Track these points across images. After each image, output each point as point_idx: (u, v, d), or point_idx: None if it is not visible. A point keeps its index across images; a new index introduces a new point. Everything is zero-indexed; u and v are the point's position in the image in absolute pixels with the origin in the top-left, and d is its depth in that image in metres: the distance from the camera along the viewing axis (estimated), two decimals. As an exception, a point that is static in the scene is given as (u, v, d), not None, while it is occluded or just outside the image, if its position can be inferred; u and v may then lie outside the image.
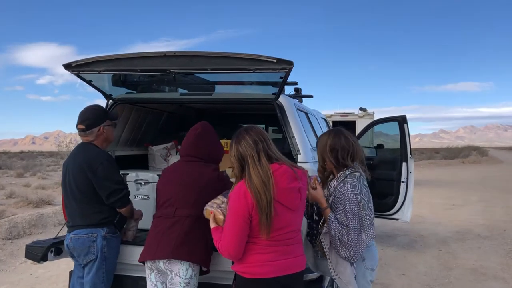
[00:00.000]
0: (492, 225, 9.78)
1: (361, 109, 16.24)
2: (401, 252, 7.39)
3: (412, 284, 5.72)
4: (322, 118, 6.35)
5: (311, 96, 5.35)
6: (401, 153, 6.70)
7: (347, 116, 15.86)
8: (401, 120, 6.78)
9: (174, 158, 4.52)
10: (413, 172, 6.69)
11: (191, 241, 2.82)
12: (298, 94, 5.23)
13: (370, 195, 2.97)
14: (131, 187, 3.90)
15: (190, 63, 3.35)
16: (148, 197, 3.95)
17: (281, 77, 3.33)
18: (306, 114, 4.50)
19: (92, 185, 3.11)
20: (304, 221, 2.97)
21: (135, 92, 4.13)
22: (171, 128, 5.24)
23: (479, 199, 14.06)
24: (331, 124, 15.59)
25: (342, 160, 2.92)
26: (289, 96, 5.05)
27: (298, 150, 3.50)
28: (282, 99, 3.70)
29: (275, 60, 3.16)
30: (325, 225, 2.83)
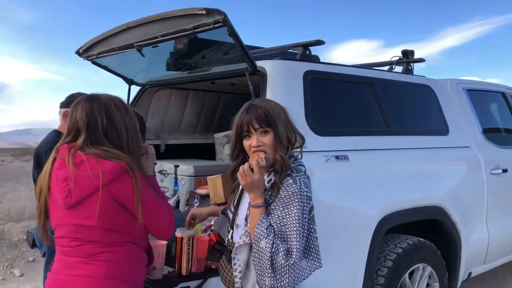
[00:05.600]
0: None
1: None
2: None
3: None
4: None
5: (422, 60, 3.77)
6: None
7: None
8: None
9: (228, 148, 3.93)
10: None
11: None
12: (403, 60, 3.78)
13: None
14: (157, 177, 3.62)
15: (146, 32, 2.84)
16: (167, 190, 3.57)
17: (229, 34, 2.44)
18: (370, 86, 3.15)
19: None
20: None
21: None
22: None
23: None
24: None
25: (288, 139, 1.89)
26: (389, 62, 3.77)
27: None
28: (268, 64, 2.71)
29: (204, 12, 2.39)
30: (244, 231, 1.86)
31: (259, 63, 2.71)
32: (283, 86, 2.65)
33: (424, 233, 3.18)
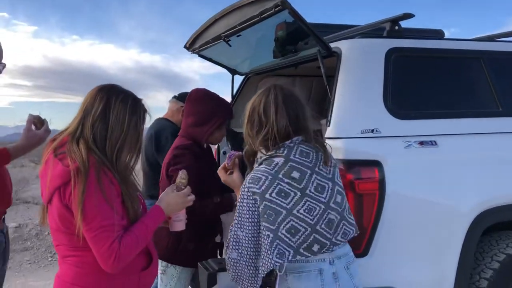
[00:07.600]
0: None
1: None
2: None
3: None
4: None
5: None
6: None
7: None
8: None
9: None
10: None
11: None
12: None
13: (305, 195, 1.76)
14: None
15: (229, 22, 2.91)
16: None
17: (292, 16, 2.36)
18: (479, 61, 2.69)
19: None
20: None
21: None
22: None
23: None
24: None
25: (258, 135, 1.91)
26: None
27: (330, 119, 2.35)
28: (344, 44, 2.52)
29: (264, -5, 2.36)
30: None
31: (336, 44, 2.56)
32: (359, 67, 2.45)
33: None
